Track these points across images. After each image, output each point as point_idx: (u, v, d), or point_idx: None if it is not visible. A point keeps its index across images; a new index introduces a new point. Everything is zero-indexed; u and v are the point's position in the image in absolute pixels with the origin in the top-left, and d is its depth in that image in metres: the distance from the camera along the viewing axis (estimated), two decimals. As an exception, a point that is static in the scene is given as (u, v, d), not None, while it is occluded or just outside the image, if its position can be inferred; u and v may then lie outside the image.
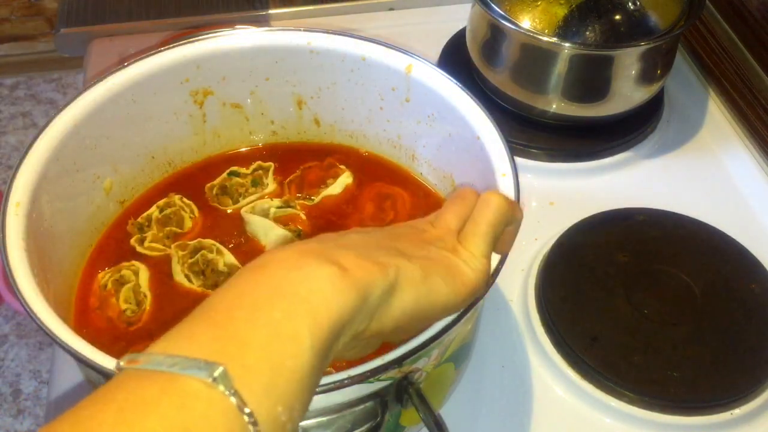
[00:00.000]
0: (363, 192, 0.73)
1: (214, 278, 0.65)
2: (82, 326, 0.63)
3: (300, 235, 0.69)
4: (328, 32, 0.70)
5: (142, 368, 0.34)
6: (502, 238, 0.49)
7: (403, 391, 0.53)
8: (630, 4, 0.84)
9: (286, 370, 0.35)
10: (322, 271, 0.38)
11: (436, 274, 0.43)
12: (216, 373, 0.33)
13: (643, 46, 0.83)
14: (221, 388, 0.33)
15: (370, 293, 0.40)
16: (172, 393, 0.33)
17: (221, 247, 0.67)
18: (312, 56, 0.71)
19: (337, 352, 0.39)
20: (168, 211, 0.70)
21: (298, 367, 0.36)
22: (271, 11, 1.04)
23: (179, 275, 0.66)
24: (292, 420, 0.35)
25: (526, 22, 0.83)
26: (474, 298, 0.47)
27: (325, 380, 0.47)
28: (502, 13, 0.83)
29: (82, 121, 0.63)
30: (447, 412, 0.59)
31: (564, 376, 0.69)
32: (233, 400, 0.33)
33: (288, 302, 0.37)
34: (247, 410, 0.33)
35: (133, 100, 0.67)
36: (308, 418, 0.50)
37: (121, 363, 0.35)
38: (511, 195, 0.58)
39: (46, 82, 2.35)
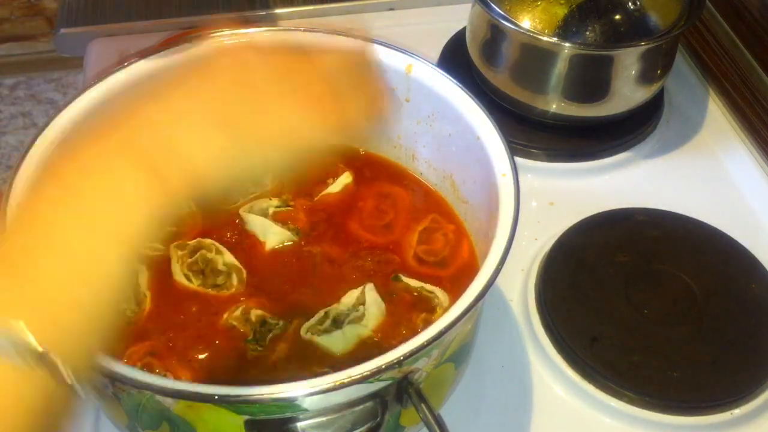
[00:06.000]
0: (362, 191, 0.73)
1: (213, 278, 0.65)
2: (81, 326, 0.63)
3: (298, 234, 0.69)
4: (328, 32, 0.70)
5: None
6: None
7: (403, 391, 0.52)
8: (630, 4, 0.84)
9: None
10: None
11: None
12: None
13: (643, 46, 0.83)
14: None
15: None
16: None
17: (220, 247, 0.67)
18: (312, 56, 0.70)
19: None
20: (168, 210, 0.70)
21: None
22: (271, 11, 1.04)
23: (179, 275, 0.65)
24: None
25: (526, 22, 0.83)
26: None
27: (325, 380, 0.47)
28: (502, 13, 0.83)
29: (82, 121, 0.63)
30: (447, 412, 0.59)
31: (564, 376, 0.69)
32: None
33: None
34: None
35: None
36: (308, 418, 0.50)
37: None
38: (511, 195, 0.58)
39: (46, 82, 2.35)
